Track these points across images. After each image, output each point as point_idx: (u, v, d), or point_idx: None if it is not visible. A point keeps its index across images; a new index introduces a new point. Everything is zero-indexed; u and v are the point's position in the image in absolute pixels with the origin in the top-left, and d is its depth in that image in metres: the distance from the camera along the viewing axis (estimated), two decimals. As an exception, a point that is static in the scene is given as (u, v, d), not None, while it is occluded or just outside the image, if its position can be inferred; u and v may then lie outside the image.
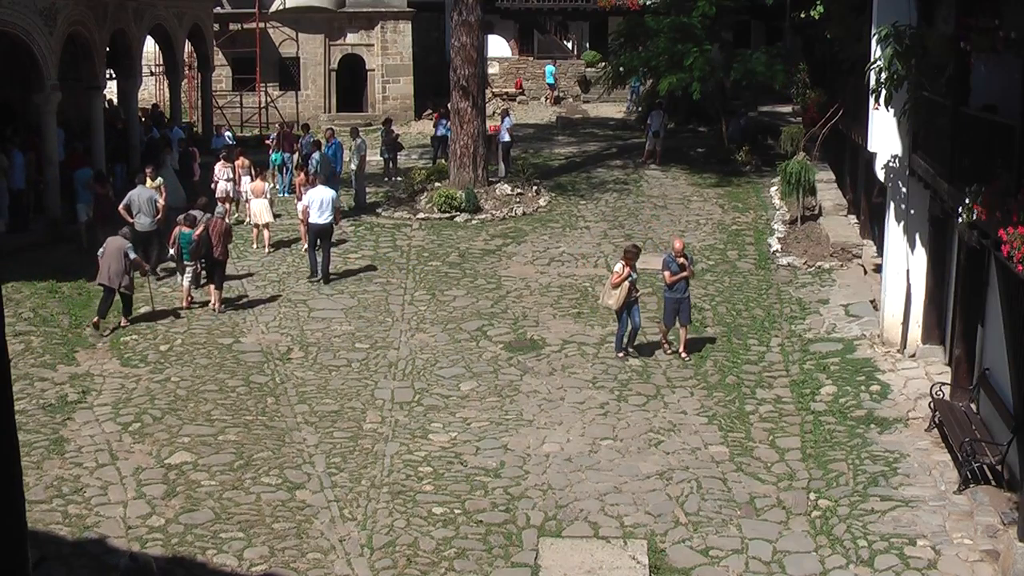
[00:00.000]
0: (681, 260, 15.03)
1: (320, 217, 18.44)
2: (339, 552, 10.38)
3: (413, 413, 13.50)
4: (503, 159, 25.70)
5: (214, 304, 17.11)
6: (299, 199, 20.34)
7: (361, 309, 17.19)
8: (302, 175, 21.89)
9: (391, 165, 26.71)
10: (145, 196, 18.60)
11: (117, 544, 10.41)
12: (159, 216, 18.67)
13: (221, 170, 22.00)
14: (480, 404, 13.74)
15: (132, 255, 16.11)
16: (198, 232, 16.91)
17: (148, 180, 19.29)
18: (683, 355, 15.01)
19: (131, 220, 17.95)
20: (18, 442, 4.89)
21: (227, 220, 18.17)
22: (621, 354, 15.07)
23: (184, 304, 17.23)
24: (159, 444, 12.58)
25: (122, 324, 16.39)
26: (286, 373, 14.71)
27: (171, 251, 17.36)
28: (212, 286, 17.25)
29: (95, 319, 16.14)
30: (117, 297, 16.23)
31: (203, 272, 17.77)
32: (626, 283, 14.72)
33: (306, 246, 19.26)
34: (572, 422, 13.19)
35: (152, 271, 18.09)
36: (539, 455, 12.34)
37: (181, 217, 17.62)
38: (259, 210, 20.32)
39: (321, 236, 18.66)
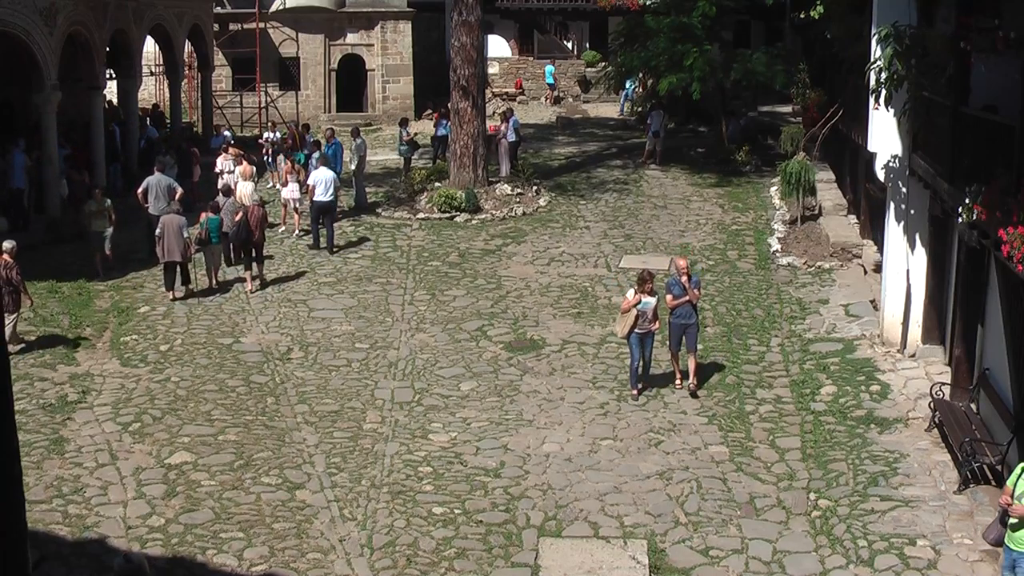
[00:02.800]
0: (684, 280, 13.81)
1: (324, 195, 20.17)
2: (339, 552, 10.38)
3: (413, 413, 13.50)
4: (509, 158, 25.67)
5: (250, 285, 18.01)
6: (283, 186, 22.01)
7: (361, 309, 17.19)
8: (288, 164, 22.65)
9: (409, 164, 26.73)
10: (164, 183, 19.46)
11: (117, 544, 10.41)
12: (176, 201, 19.27)
13: (223, 163, 22.61)
14: (480, 404, 13.74)
15: (187, 233, 17.42)
16: (238, 218, 17.94)
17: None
18: (691, 385, 13.85)
19: (146, 204, 19.12)
20: (18, 442, 4.88)
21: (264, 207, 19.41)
22: (636, 391, 13.83)
23: (209, 285, 18.08)
24: (159, 444, 12.58)
25: (174, 295, 17.53)
26: (286, 373, 14.71)
27: (197, 234, 18.04)
28: (250, 270, 18.21)
29: (170, 293, 17.49)
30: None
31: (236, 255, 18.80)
32: (633, 311, 13.57)
33: (297, 232, 21.38)
34: (572, 422, 13.19)
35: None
36: (539, 455, 12.34)
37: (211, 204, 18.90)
38: (245, 193, 20.83)
39: (324, 212, 20.40)
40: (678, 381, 14.11)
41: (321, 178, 20.24)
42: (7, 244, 15.40)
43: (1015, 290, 10.09)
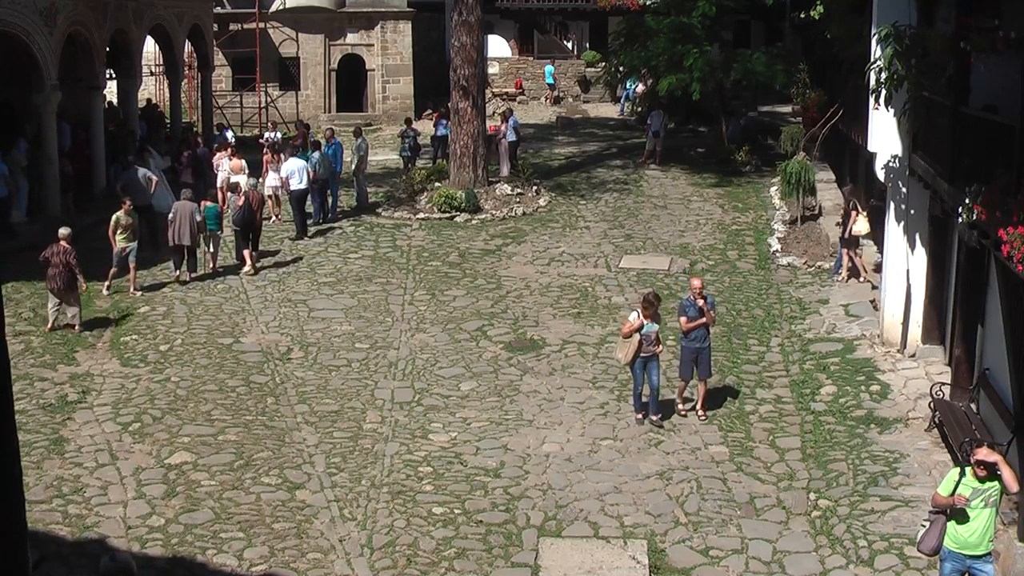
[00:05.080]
0: (701, 303, 13.13)
1: (299, 184, 21.23)
2: (339, 552, 10.38)
3: (413, 413, 13.49)
4: (509, 158, 25.70)
5: (250, 267, 18.87)
6: (264, 176, 22.87)
7: (361, 309, 17.19)
8: (269, 155, 23.49)
9: (410, 165, 26.81)
10: (143, 176, 20.45)
11: (117, 544, 10.40)
12: (152, 193, 20.44)
13: (219, 160, 23.21)
14: (480, 404, 13.74)
15: (199, 217, 18.28)
16: (240, 202, 18.89)
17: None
18: (700, 414, 13.24)
19: (126, 200, 19.92)
20: (18, 442, 4.88)
21: (259, 191, 20.69)
22: (640, 415, 13.11)
23: (211, 270, 18.93)
24: (159, 444, 12.58)
25: (186, 278, 18.42)
26: (286, 373, 14.71)
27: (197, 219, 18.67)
28: (251, 252, 19.11)
29: (177, 273, 18.35)
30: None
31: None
32: (636, 335, 12.82)
33: (274, 218, 22.32)
34: (572, 422, 13.19)
35: (151, 243, 19.83)
36: (539, 455, 12.34)
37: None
38: (242, 185, 21.70)
39: (301, 200, 21.46)
40: (680, 407, 13.36)
41: (294, 168, 21.22)
42: (63, 231, 16.10)
43: (1015, 290, 10.08)
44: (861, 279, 17.75)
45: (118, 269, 17.94)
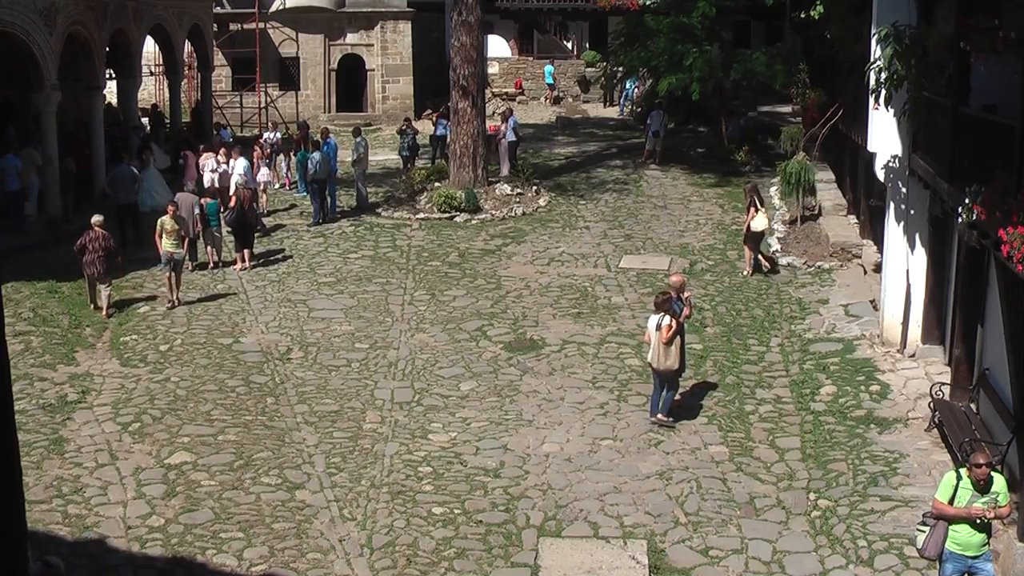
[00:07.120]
0: (687, 296, 13.46)
1: (251, 182, 21.95)
2: (339, 552, 10.38)
3: (413, 413, 13.49)
4: (509, 158, 25.71)
5: (246, 263, 19.26)
6: (256, 171, 23.72)
7: (361, 309, 17.19)
8: (259, 151, 24.46)
9: (409, 164, 26.89)
10: (128, 174, 20.87)
11: (117, 544, 10.42)
12: (137, 192, 20.94)
13: (206, 161, 23.24)
14: (480, 404, 13.74)
15: (197, 211, 18.81)
16: (232, 203, 19.31)
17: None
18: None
19: (111, 194, 20.82)
20: (18, 442, 4.88)
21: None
22: (655, 418, 13.06)
23: (210, 264, 19.37)
24: (159, 444, 12.58)
25: (189, 267, 18.92)
26: (286, 373, 14.71)
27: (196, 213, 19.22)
28: (248, 249, 19.43)
29: (188, 265, 18.81)
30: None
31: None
32: (678, 339, 12.77)
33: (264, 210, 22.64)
34: (572, 422, 13.19)
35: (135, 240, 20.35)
36: (539, 455, 12.34)
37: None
38: (261, 178, 23.02)
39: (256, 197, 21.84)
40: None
41: (246, 165, 22.24)
42: (97, 218, 16.89)
43: (1015, 290, 10.08)
44: (764, 271, 18.63)
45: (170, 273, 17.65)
